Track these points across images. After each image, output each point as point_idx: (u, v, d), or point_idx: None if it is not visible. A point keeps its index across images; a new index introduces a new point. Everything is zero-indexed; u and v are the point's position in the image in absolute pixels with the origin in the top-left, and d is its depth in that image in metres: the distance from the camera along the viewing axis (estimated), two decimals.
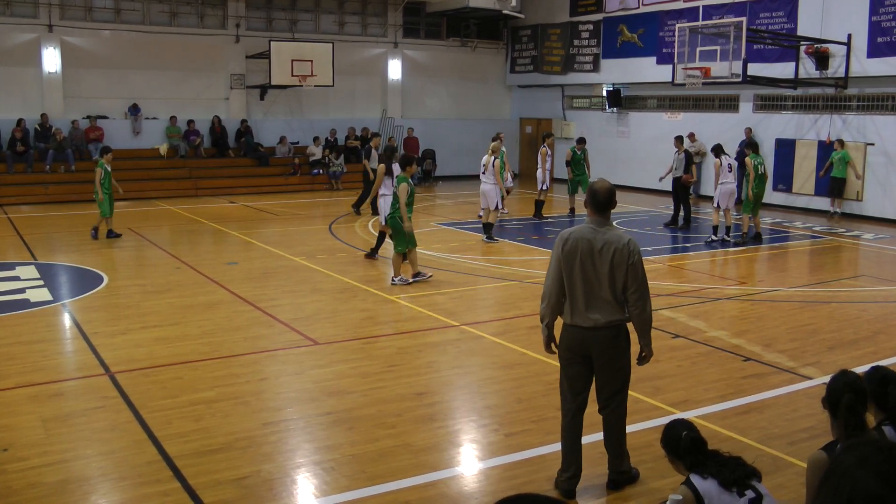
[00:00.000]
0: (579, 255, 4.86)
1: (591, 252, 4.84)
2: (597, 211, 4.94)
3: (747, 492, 3.57)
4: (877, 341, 8.59)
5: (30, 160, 20.14)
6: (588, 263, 4.85)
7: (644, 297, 4.86)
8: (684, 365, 7.67)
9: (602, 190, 4.95)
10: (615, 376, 4.99)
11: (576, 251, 4.87)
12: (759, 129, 19.74)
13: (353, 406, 6.51)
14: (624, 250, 4.80)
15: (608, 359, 4.94)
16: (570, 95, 26.22)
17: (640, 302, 4.85)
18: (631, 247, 4.83)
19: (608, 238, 4.84)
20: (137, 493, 5.04)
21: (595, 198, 4.93)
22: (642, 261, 4.89)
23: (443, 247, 13.86)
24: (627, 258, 4.79)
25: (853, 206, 18.50)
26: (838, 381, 3.56)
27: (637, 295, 4.83)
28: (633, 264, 4.81)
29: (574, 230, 4.96)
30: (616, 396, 5.03)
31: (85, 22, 21.41)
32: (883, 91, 17.85)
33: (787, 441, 5.87)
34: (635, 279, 4.82)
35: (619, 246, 4.81)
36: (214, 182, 21.81)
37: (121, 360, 7.60)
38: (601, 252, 4.82)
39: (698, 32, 18.17)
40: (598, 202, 4.93)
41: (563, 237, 4.98)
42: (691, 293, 10.71)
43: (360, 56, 25.15)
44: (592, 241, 4.85)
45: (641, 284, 4.84)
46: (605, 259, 4.81)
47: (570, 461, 5.07)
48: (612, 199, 4.98)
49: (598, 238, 4.85)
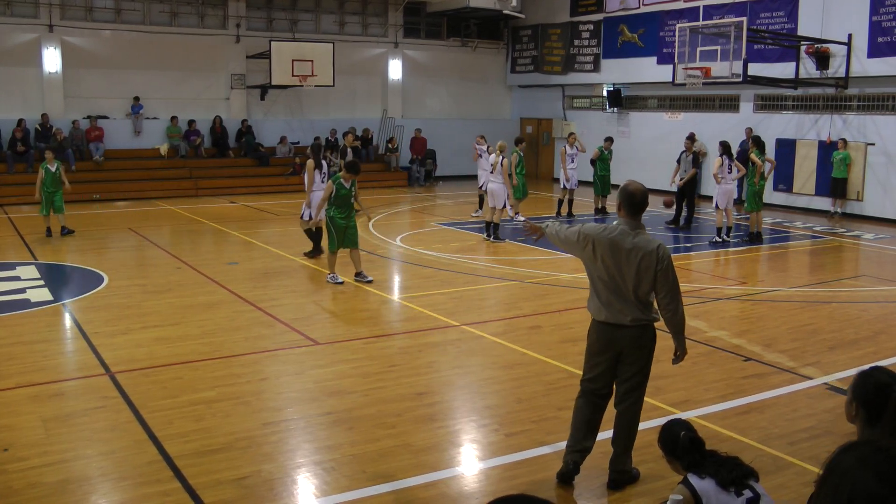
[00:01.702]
0: (610, 255, 4.88)
1: (619, 253, 4.85)
2: (631, 213, 4.92)
3: (745, 491, 3.57)
4: (877, 341, 8.58)
5: (30, 160, 20.13)
6: (614, 264, 4.88)
7: (676, 299, 4.93)
8: (685, 365, 7.60)
9: (638, 192, 4.92)
10: (636, 371, 5.06)
11: (606, 250, 4.89)
12: (759, 129, 19.71)
13: (354, 406, 6.51)
14: (652, 256, 4.83)
15: (635, 354, 5.02)
16: (571, 95, 26.23)
17: (673, 304, 4.92)
18: (660, 253, 4.85)
19: (637, 242, 4.85)
20: (138, 493, 5.04)
21: (631, 199, 4.90)
22: (673, 265, 4.92)
23: (443, 247, 13.86)
24: (656, 264, 4.83)
25: (853, 206, 18.50)
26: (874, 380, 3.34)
27: (668, 298, 4.90)
28: (662, 270, 4.84)
29: (605, 228, 4.97)
30: (634, 392, 5.08)
31: (85, 22, 21.41)
32: (883, 91, 17.84)
33: (787, 441, 5.86)
34: (665, 283, 4.87)
35: (648, 251, 4.83)
36: (215, 182, 21.81)
37: (121, 360, 7.60)
38: (629, 255, 4.84)
39: (699, 32, 18.17)
40: (633, 204, 4.91)
41: (595, 232, 4.96)
42: (692, 293, 10.71)
43: (361, 56, 25.15)
44: (621, 243, 4.86)
45: (673, 288, 4.90)
46: (632, 261, 4.84)
47: (582, 435, 5.13)
48: (646, 201, 4.98)
49: (628, 241, 4.86)
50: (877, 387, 3.21)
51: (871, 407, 3.17)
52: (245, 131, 23.20)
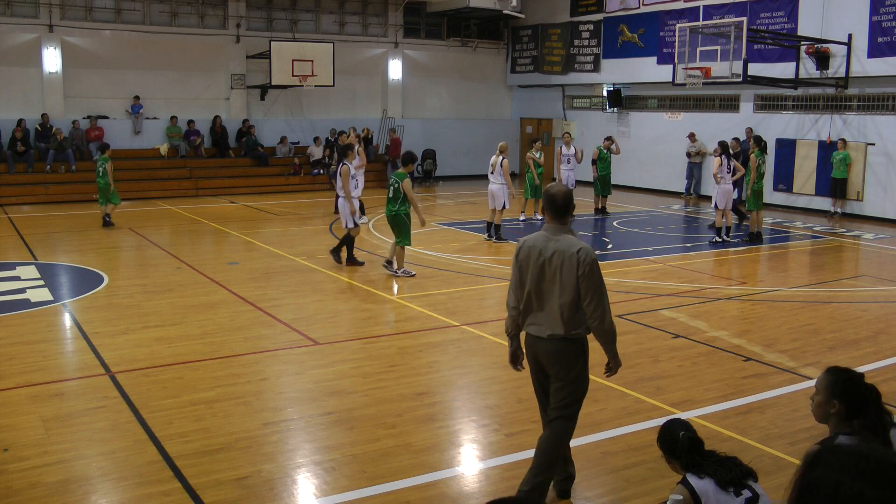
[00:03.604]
0: (531, 264, 4.66)
1: (541, 260, 4.61)
2: (555, 217, 4.67)
3: (744, 491, 3.57)
4: (878, 341, 8.59)
5: (30, 160, 20.15)
6: (538, 272, 4.63)
7: (602, 306, 4.54)
8: (685, 365, 7.67)
9: (560, 195, 4.66)
10: (560, 389, 4.72)
11: (528, 259, 4.68)
12: (759, 129, 19.73)
13: (354, 406, 6.51)
14: (572, 260, 4.51)
15: (555, 371, 4.71)
16: (571, 95, 26.23)
17: (598, 313, 4.54)
18: (581, 256, 4.50)
19: (559, 246, 4.57)
20: (138, 493, 5.04)
21: (553, 203, 4.65)
22: (598, 270, 4.57)
23: (443, 247, 13.86)
24: (577, 268, 4.50)
25: (854, 206, 18.50)
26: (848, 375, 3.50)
27: (593, 306, 4.52)
28: (585, 274, 4.49)
29: (529, 237, 4.76)
30: (559, 411, 4.75)
31: (85, 22, 21.42)
32: (883, 91, 17.85)
33: (787, 441, 5.86)
34: (590, 289, 4.50)
35: (568, 255, 4.53)
36: (215, 182, 21.82)
37: (121, 360, 7.60)
38: (550, 262, 4.58)
39: (699, 32, 18.17)
40: (556, 207, 4.65)
41: (518, 244, 4.79)
42: (692, 293, 10.71)
43: (361, 56, 25.16)
44: (543, 249, 4.61)
45: (597, 295, 4.52)
46: (554, 267, 4.57)
47: (559, 468, 4.93)
48: (570, 204, 4.70)
49: (550, 246, 4.60)
50: (853, 382, 3.36)
51: (851, 401, 3.30)
52: (246, 131, 23.20)
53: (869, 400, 3.34)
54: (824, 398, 3.41)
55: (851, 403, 3.36)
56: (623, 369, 7.42)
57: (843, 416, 3.43)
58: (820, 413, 3.45)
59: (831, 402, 3.39)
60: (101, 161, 15.73)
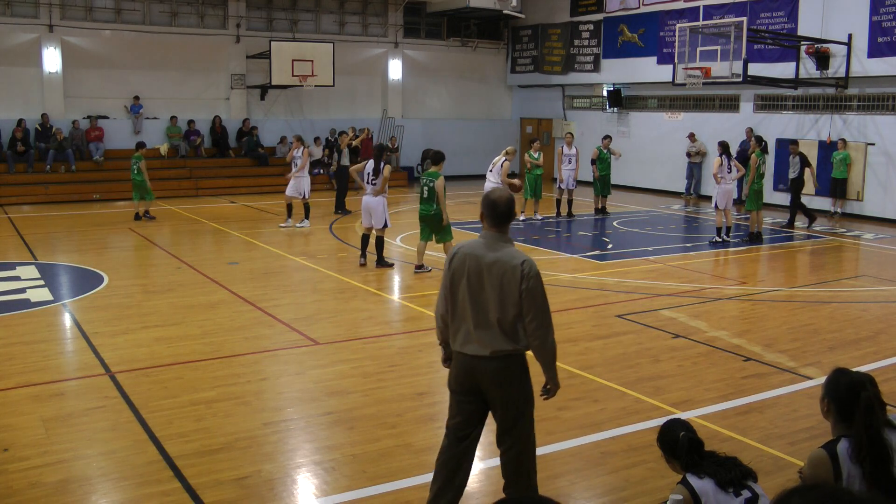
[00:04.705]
0: (467, 274, 4.30)
1: (480, 270, 4.26)
2: (494, 224, 4.33)
3: (743, 492, 3.57)
4: (878, 341, 8.59)
5: (30, 160, 20.15)
6: (476, 283, 4.28)
7: (544, 326, 4.22)
8: (685, 365, 7.67)
9: (501, 201, 4.31)
10: (507, 412, 4.40)
11: (463, 267, 4.32)
12: (759, 129, 19.73)
13: (354, 406, 6.51)
14: (515, 272, 4.17)
15: (499, 393, 4.37)
16: (571, 95, 26.23)
17: (540, 331, 4.21)
18: (525, 269, 4.17)
19: (500, 256, 4.23)
20: (138, 493, 5.04)
21: (494, 209, 4.31)
22: (542, 285, 4.23)
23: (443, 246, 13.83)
24: (520, 282, 4.16)
25: (854, 206, 18.50)
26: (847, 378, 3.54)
27: (535, 324, 4.19)
28: (527, 289, 4.16)
29: (465, 244, 4.42)
30: (510, 433, 4.44)
31: (85, 22, 21.41)
32: (883, 91, 17.85)
33: (787, 441, 5.86)
34: (532, 306, 4.18)
35: (511, 267, 4.19)
36: (215, 182, 21.82)
37: (121, 360, 7.60)
38: (490, 272, 4.23)
39: (699, 32, 18.18)
40: (497, 214, 4.31)
41: (452, 251, 4.46)
42: (692, 293, 10.71)
43: (361, 56, 25.15)
44: (482, 258, 4.27)
45: (540, 312, 4.20)
46: (493, 279, 4.22)
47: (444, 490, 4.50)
48: (511, 211, 4.37)
49: (489, 255, 4.26)
50: (848, 385, 3.42)
51: (843, 404, 3.40)
52: (248, 132, 23.19)
53: (857, 405, 3.37)
54: (822, 396, 3.61)
55: (842, 405, 3.45)
56: (623, 369, 7.47)
57: (837, 417, 3.49)
58: (820, 409, 3.64)
59: (825, 401, 3.54)
60: (136, 159, 16.30)
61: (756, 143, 15.22)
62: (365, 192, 12.02)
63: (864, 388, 3.40)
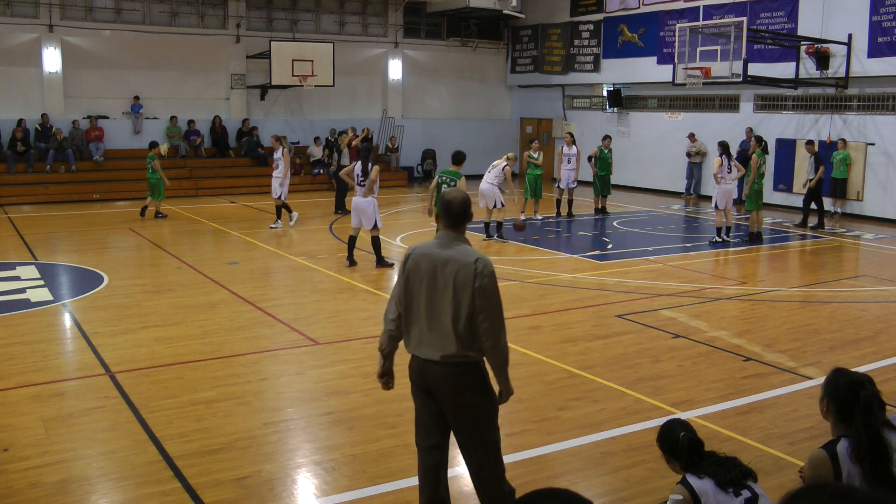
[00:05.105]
0: (421, 275, 4.22)
1: (434, 270, 4.18)
2: (450, 224, 4.27)
3: (743, 492, 3.57)
4: (878, 341, 8.59)
5: (30, 160, 20.15)
6: (430, 284, 4.19)
7: (496, 326, 4.10)
8: (685, 365, 7.67)
9: (456, 201, 4.26)
10: (464, 420, 4.27)
11: (417, 268, 4.24)
12: (759, 129, 19.74)
13: (354, 406, 6.52)
14: (468, 270, 4.08)
15: (453, 400, 4.24)
16: (571, 95, 26.23)
17: (492, 332, 4.09)
18: (479, 267, 4.07)
19: (453, 255, 4.15)
20: (138, 493, 5.04)
21: (448, 209, 4.27)
22: (496, 284, 4.13)
23: None
24: (473, 280, 4.06)
25: (854, 206, 18.51)
26: (846, 378, 3.55)
27: (487, 324, 4.07)
28: (480, 288, 4.05)
29: (420, 245, 4.36)
30: (471, 442, 4.29)
31: (85, 22, 21.41)
32: (883, 91, 17.85)
33: (787, 441, 5.87)
34: (485, 305, 4.06)
35: (464, 264, 4.10)
36: (215, 182, 21.81)
37: (121, 360, 7.60)
38: (444, 271, 4.15)
39: (699, 32, 18.18)
40: (451, 214, 4.26)
41: (407, 252, 4.38)
42: (692, 293, 10.71)
43: (361, 56, 25.16)
44: (436, 258, 4.19)
45: (493, 312, 4.08)
46: (447, 279, 4.13)
47: (432, 501, 4.43)
48: (467, 211, 4.32)
49: (443, 255, 4.18)
50: (847, 385, 3.43)
51: (842, 404, 3.41)
52: (248, 132, 23.18)
53: (857, 405, 3.38)
54: (821, 396, 3.63)
55: (841, 405, 3.46)
56: (623, 369, 7.47)
57: (837, 417, 3.50)
58: (820, 409, 3.66)
59: (825, 400, 3.55)
60: (150, 158, 16.58)
61: (756, 144, 15.23)
62: (355, 193, 12.07)
63: (864, 388, 3.41)
